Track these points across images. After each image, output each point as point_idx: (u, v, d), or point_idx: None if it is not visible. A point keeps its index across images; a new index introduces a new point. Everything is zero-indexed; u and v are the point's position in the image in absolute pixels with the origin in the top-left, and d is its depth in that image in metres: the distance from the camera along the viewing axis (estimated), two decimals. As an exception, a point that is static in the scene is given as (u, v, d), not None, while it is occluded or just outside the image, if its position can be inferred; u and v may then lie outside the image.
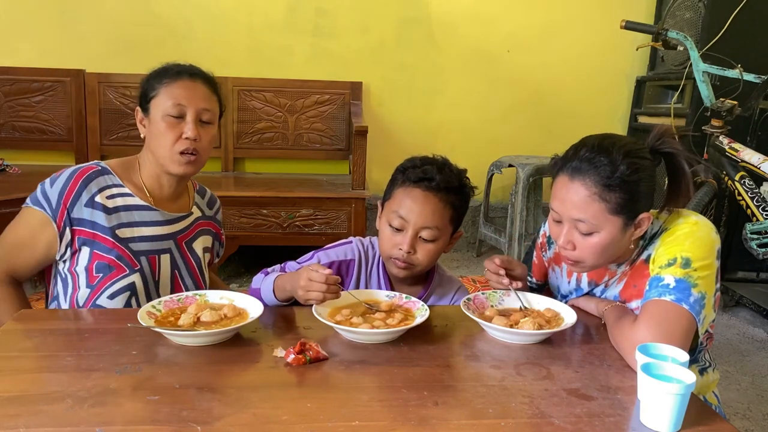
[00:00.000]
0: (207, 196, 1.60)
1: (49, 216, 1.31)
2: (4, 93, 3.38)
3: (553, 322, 1.20)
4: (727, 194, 2.80)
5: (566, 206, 1.15)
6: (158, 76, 1.38)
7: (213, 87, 1.42)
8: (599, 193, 1.10)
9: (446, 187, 1.30)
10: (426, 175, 1.29)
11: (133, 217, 1.38)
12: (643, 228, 1.16)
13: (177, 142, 1.35)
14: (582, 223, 1.13)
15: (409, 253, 1.30)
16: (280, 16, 3.61)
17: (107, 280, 1.33)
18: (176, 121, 1.35)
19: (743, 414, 2.15)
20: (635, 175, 1.10)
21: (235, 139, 3.62)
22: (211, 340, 1.07)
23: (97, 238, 1.33)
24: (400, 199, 1.31)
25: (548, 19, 3.84)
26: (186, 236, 1.47)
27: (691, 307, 1.07)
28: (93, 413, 0.83)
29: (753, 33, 3.19)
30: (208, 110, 1.38)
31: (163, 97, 1.35)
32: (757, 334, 2.88)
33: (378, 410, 0.87)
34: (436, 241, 1.31)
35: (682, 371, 0.88)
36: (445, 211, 1.31)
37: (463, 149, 3.89)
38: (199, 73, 1.40)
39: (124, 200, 1.38)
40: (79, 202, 1.32)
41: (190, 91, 1.36)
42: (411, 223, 1.29)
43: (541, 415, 0.87)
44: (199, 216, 1.53)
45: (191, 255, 1.48)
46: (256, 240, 3.12)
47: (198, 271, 1.49)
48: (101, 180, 1.36)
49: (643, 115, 3.80)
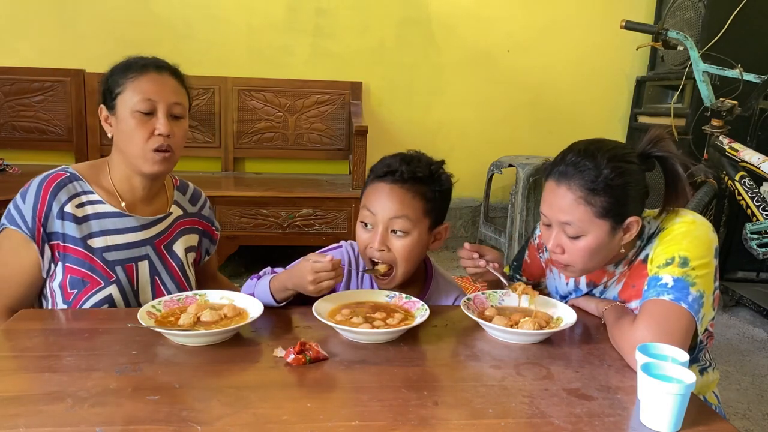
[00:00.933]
0: (189, 191, 1.51)
1: (27, 235, 1.25)
2: (4, 93, 3.38)
3: (553, 322, 1.20)
4: (727, 194, 2.80)
5: (554, 210, 1.16)
6: (123, 70, 1.30)
7: (181, 79, 1.35)
8: (584, 196, 1.12)
9: (412, 177, 1.26)
10: (390, 169, 1.27)
11: (105, 225, 1.31)
12: (633, 232, 1.16)
13: (149, 140, 1.28)
14: (569, 226, 1.15)
15: (382, 251, 1.26)
16: (280, 16, 3.61)
17: (82, 295, 1.27)
18: (146, 117, 1.27)
19: (743, 414, 2.15)
20: (620, 179, 1.12)
21: (235, 139, 3.62)
22: (211, 340, 1.07)
23: (68, 250, 1.27)
24: (368, 194, 1.29)
25: (548, 19, 3.84)
26: (165, 239, 1.40)
27: (690, 306, 1.07)
28: (93, 413, 0.83)
29: (753, 33, 3.19)
30: (178, 104, 1.31)
31: (131, 93, 1.27)
32: (757, 334, 2.88)
33: (378, 410, 0.87)
34: (409, 233, 1.26)
35: (682, 371, 0.88)
36: (414, 202, 1.26)
37: (463, 149, 3.90)
38: (166, 65, 1.33)
39: (93, 208, 1.31)
40: (51, 215, 1.26)
41: (159, 84, 1.29)
42: (379, 217, 1.26)
43: (541, 415, 0.87)
44: (179, 215, 1.45)
45: (172, 258, 1.41)
46: (256, 240, 3.12)
47: (180, 274, 1.42)
48: (70, 187, 1.29)
49: (643, 115, 3.80)
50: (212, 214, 1.58)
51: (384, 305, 1.25)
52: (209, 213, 1.56)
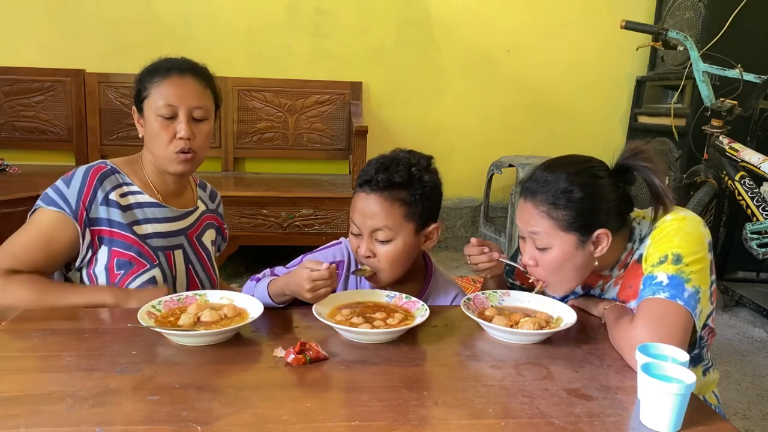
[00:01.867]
0: (208, 189, 1.60)
1: (70, 216, 1.29)
2: (4, 93, 3.38)
3: (553, 322, 1.20)
4: (727, 194, 2.80)
5: (522, 222, 1.21)
6: (149, 74, 1.35)
7: (206, 81, 1.38)
8: (546, 211, 1.16)
9: (389, 184, 1.25)
10: (366, 177, 1.28)
11: (145, 214, 1.38)
12: (603, 246, 1.17)
13: (171, 143, 1.34)
14: (537, 238, 1.18)
15: (368, 257, 1.29)
16: (280, 16, 3.61)
17: (129, 276, 1.33)
18: (168, 121, 1.33)
19: (743, 414, 2.14)
20: (580, 193, 1.14)
21: (235, 139, 3.62)
22: (211, 340, 1.07)
23: (115, 235, 1.33)
24: (353, 203, 1.32)
25: (548, 19, 3.84)
26: (195, 231, 1.48)
27: (686, 302, 1.07)
28: (93, 413, 0.83)
29: (753, 33, 3.18)
30: (200, 107, 1.35)
31: (155, 98, 1.33)
32: (757, 334, 2.88)
33: (378, 410, 0.87)
34: (392, 241, 1.27)
35: (682, 371, 0.88)
36: (393, 209, 1.26)
37: (463, 149, 3.90)
38: (190, 68, 1.37)
39: (135, 198, 1.38)
40: (95, 202, 1.32)
41: (181, 89, 1.33)
42: (362, 227, 1.29)
43: (541, 415, 0.87)
44: (204, 210, 1.54)
45: (202, 249, 1.49)
46: (256, 240, 3.12)
47: (210, 265, 1.51)
48: (113, 178, 1.36)
49: (643, 115, 3.80)
50: (222, 213, 1.65)
51: (384, 305, 1.25)
52: (222, 212, 1.64)
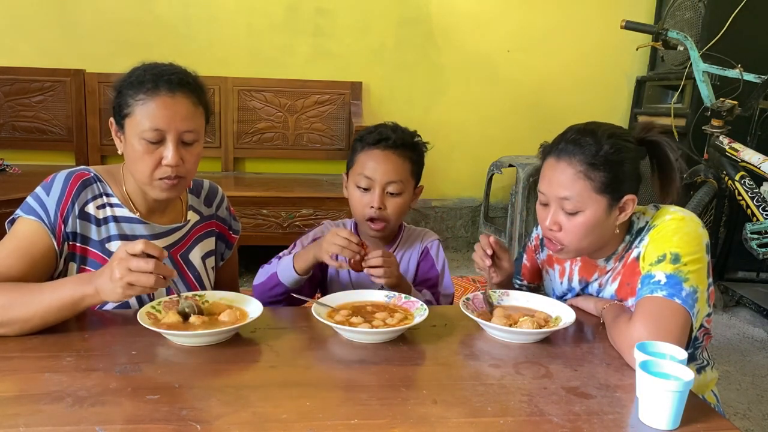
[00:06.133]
0: (204, 192, 1.44)
1: (47, 228, 1.19)
2: (4, 93, 3.38)
3: (552, 321, 1.21)
4: (727, 194, 2.80)
5: (553, 186, 1.19)
6: (132, 87, 1.18)
7: (197, 97, 1.22)
8: (584, 171, 1.15)
9: (402, 143, 1.43)
10: (382, 136, 1.42)
11: (122, 229, 1.26)
12: (628, 211, 1.18)
13: (157, 169, 1.18)
14: (567, 202, 1.17)
15: (380, 209, 1.40)
16: (280, 16, 3.61)
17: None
18: (154, 146, 1.17)
19: (743, 414, 2.14)
20: (619, 155, 1.15)
21: (235, 139, 3.62)
22: (211, 340, 1.07)
23: (89, 253, 1.24)
24: (363, 161, 1.42)
25: (548, 20, 3.84)
26: (181, 248, 1.35)
27: (684, 301, 1.08)
28: (93, 413, 0.83)
29: (753, 33, 3.19)
30: (190, 131, 1.20)
31: (139, 118, 1.16)
32: (757, 334, 2.88)
33: (377, 409, 0.87)
34: (402, 194, 1.43)
35: (681, 368, 0.88)
36: (405, 165, 1.43)
37: (463, 149, 3.90)
38: (180, 82, 1.19)
39: (113, 210, 1.26)
40: (72, 215, 1.22)
41: (170, 110, 1.16)
42: (377, 181, 1.40)
43: (539, 413, 0.88)
44: (196, 221, 1.40)
45: (188, 268, 1.36)
46: (256, 240, 3.12)
47: (197, 284, 1.37)
48: (95, 187, 1.26)
49: (644, 115, 3.80)
50: (230, 216, 1.50)
51: (384, 305, 1.25)
52: (226, 214, 1.48)
